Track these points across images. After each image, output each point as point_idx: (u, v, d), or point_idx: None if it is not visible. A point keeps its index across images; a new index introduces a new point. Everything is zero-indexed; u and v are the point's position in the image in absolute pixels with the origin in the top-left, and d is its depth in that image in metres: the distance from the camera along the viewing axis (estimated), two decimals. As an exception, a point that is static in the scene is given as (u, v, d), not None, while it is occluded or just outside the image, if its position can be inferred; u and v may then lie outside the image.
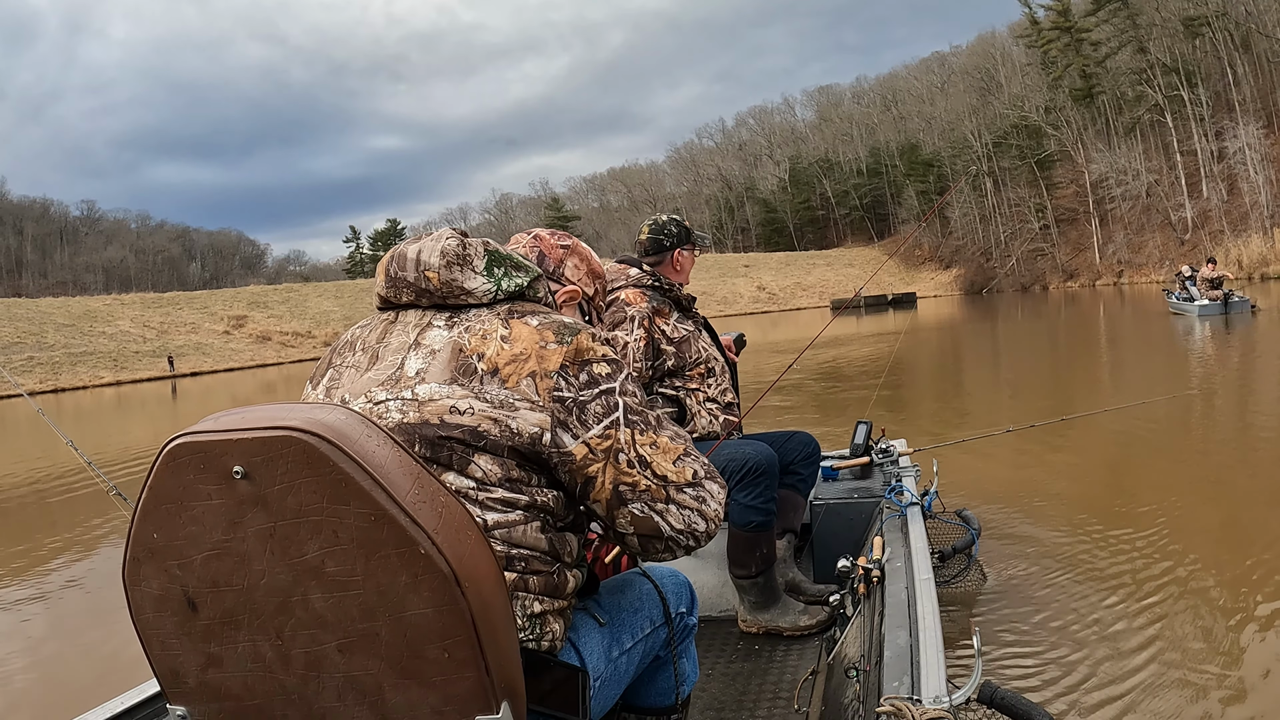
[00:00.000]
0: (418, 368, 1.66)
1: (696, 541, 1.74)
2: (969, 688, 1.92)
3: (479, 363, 1.64)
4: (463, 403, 1.60)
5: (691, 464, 1.74)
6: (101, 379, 53.94)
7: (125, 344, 61.42)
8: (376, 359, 1.72)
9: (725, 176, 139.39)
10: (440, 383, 1.63)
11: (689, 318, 3.84)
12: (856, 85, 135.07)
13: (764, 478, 3.48)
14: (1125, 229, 77.05)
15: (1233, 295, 23.35)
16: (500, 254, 1.79)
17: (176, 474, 1.34)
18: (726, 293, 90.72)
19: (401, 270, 1.76)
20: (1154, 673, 3.46)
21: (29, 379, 50.84)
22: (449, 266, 1.73)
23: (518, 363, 1.63)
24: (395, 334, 1.75)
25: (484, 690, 1.34)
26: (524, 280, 1.78)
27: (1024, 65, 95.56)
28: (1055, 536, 5.30)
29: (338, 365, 1.79)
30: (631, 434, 1.67)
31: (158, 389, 44.54)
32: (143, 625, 1.44)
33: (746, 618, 3.66)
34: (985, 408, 12.02)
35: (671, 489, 1.69)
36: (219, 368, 59.78)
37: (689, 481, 1.72)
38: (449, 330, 1.70)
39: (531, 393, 1.61)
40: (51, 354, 56.20)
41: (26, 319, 61.36)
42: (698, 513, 1.72)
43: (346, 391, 1.71)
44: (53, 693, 4.71)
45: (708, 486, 1.75)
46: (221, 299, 77.55)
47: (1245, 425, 8.72)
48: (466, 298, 1.73)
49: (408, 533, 1.29)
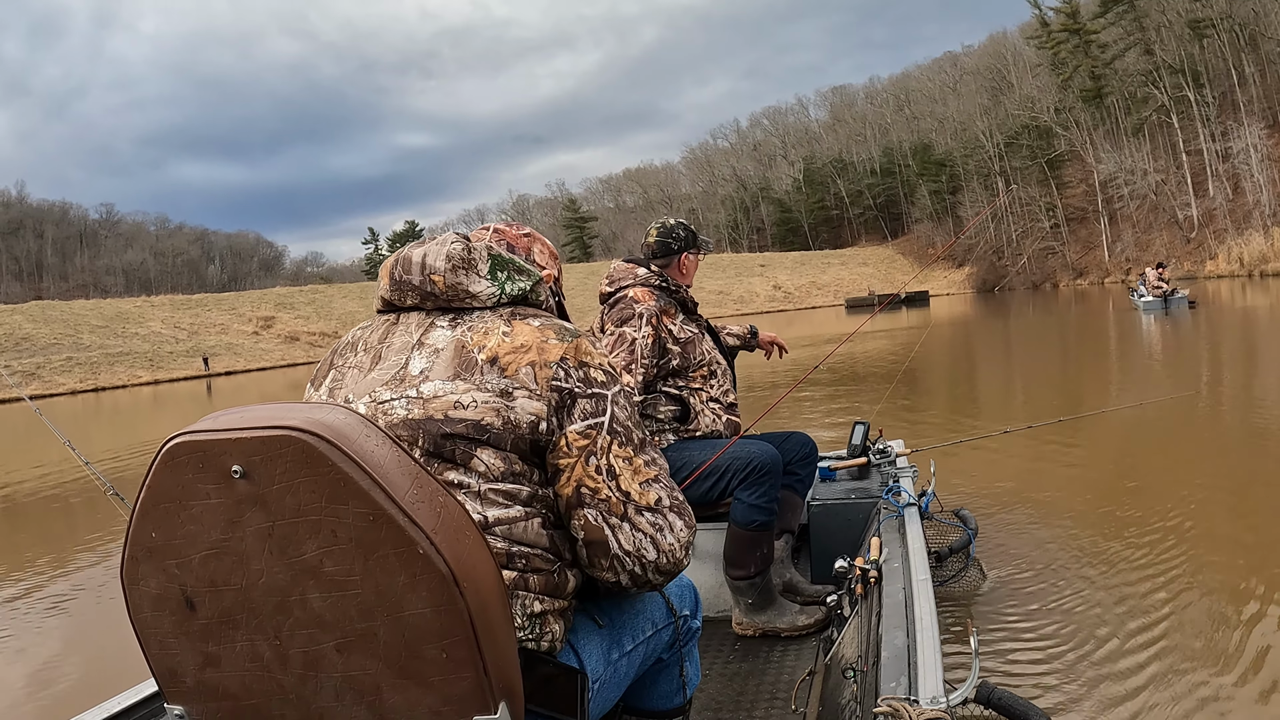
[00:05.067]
0: (422, 366, 1.69)
1: (644, 570, 1.70)
2: (966, 688, 1.93)
3: (479, 354, 1.67)
4: (465, 396, 1.63)
5: (659, 491, 1.72)
6: (139, 378, 54.80)
7: (159, 344, 62.26)
8: (379, 359, 1.74)
9: (740, 177, 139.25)
10: (444, 379, 1.65)
11: (693, 319, 3.85)
12: (870, 85, 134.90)
13: (768, 477, 3.49)
14: (1133, 227, 77.32)
15: (1174, 293, 27.79)
16: (503, 259, 1.82)
17: (175, 473, 1.34)
18: (743, 292, 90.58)
19: (407, 274, 1.79)
20: (1154, 674, 3.45)
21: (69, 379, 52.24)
22: (454, 270, 1.75)
23: (518, 353, 1.66)
24: (398, 335, 1.77)
25: (482, 690, 1.34)
26: (527, 284, 1.82)
27: (1034, 66, 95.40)
28: (1055, 536, 5.28)
29: (339, 366, 1.81)
30: (610, 442, 1.67)
31: (192, 387, 44.98)
32: (141, 624, 1.44)
33: (742, 620, 3.65)
34: (990, 405, 11.98)
35: (630, 508, 1.67)
36: (251, 367, 60.29)
37: (650, 506, 1.69)
38: (452, 330, 1.73)
39: (530, 380, 1.64)
40: (89, 354, 57.19)
41: (61, 321, 62.41)
42: (651, 540, 1.69)
43: (350, 392, 1.73)
44: (53, 693, 4.73)
45: (670, 519, 1.72)
46: (249, 300, 78.08)
47: (1250, 424, 8.68)
48: (471, 301, 1.76)
49: (406, 533, 1.29)
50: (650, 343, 3.57)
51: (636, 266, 3.80)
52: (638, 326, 3.57)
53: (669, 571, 1.73)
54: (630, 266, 3.81)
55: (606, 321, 3.66)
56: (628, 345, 3.53)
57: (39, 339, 57.86)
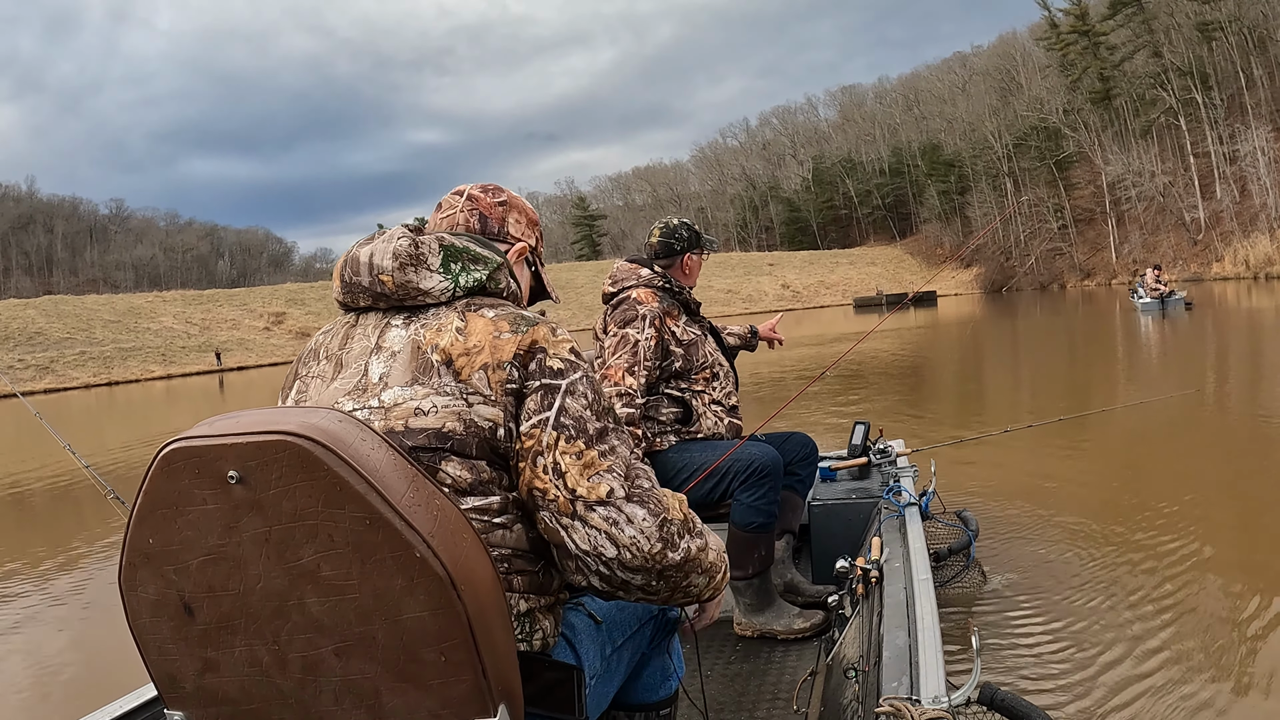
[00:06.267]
0: (380, 372, 1.64)
1: (610, 569, 1.58)
2: (968, 688, 1.92)
3: (433, 354, 1.61)
4: (425, 402, 1.58)
5: (611, 482, 1.58)
6: (152, 373, 55.65)
7: (172, 340, 63.02)
8: (341, 366, 1.70)
9: (749, 176, 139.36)
10: (403, 385, 1.61)
11: (696, 321, 3.84)
12: (879, 85, 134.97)
13: (769, 479, 3.49)
14: (1141, 229, 77.52)
15: (1171, 295, 28.86)
16: (456, 248, 1.74)
17: (171, 479, 1.34)
18: (751, 291, 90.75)
19: (356, 275, 1.73)
20: (1156, 674, 3.44)
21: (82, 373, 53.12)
22: (402, 268, 1.69)
23: (470, 355, 1.60)
24: (356, 339, 1.72)
25: (481, 693, 1.33)
26: (483, 273, 1.74)
27: (1043, 67, 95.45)
28: (1056, 536, 5.27)
29: (304, 376, 1.77)
30: (557, 438, 1.58)
31: (205, 382, 45.35)
32: (139, 630, 1.44)
33: (741, 620, 3.66)
34: (992, 404, 11.99)
35: (580, 505, 1.56)
36: (263, 362, 60.91)
37: (600, 500, 1.56)
38: (406, 329, 1.67)
39: (484, 386, 1.58)
40: (102, 349, 57.93)
41: (74, 315, 63.16)
42: (606, 536, 1.56)
43: (315, 403, 1.68)
44: (52, 694, 4.74)
45: (626, 510, 1.57)
46: (260, 296, 78.62)
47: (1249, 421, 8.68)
48: (424, 298, 1.70)
49: (403, 536, 1.28)
50: (653, 345, 3.56)
51: (640, 267, 3.79)
52: (641, 328, 3.55)
53: (642, 568, 1.59)
54: (633, 267, 3.80)
55: (609, 322, 3.64)
56: (630, 347, 3.52)
57: (52, 333, 58.44)
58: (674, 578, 1.63)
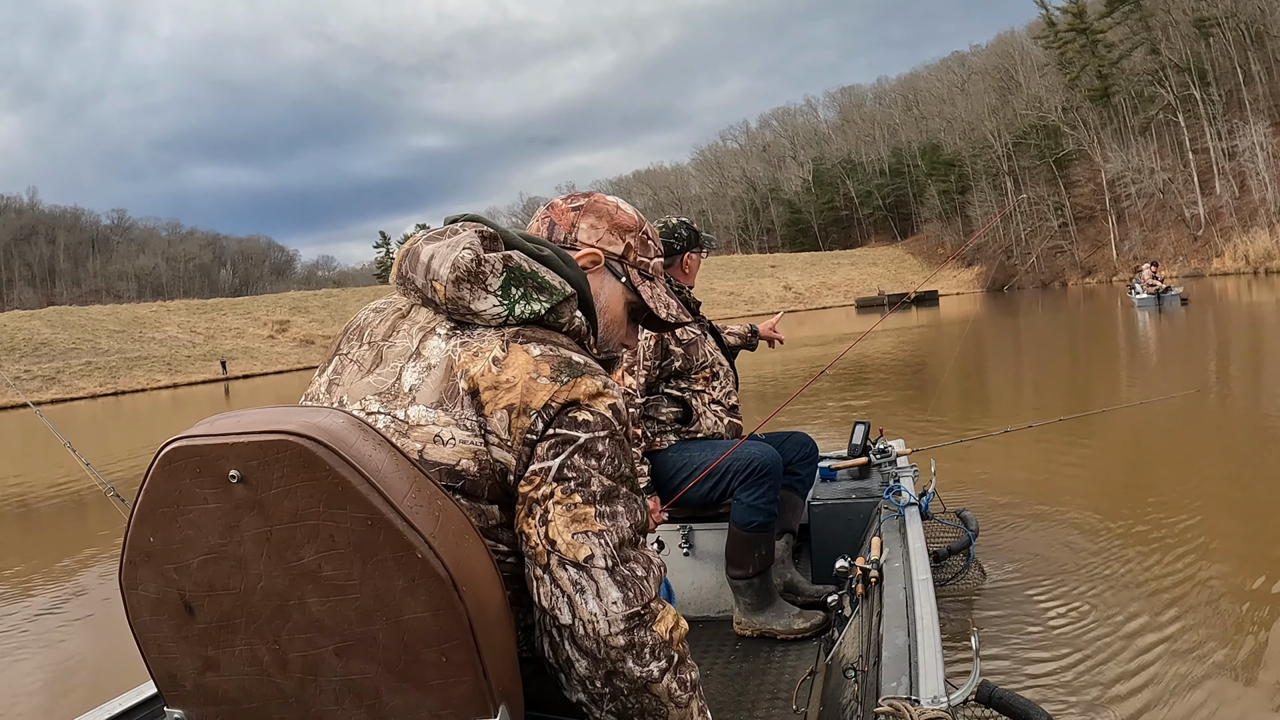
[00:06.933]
0: (412, 383, 1.53)
1: (559, 636, 1.44)
2: (967, 688, 1.92)
3: (461, 380, 1.49)
4: (445, 431, 1.48)
5: (594, 547, 1.42)
6: (158, 382, 55.69)
7: (177, 349, 62.96)
8: (380, 360, 1.60)
9: (750, 178, 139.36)
10: (428, 405, 1.50)
11: (695, 321, 3.84)
12: (878, 85, 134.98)
13: (768, 478, 3.49)
14: (1141, 226, 77.52)
15: (1167, 291, 29.99)
16: (522, 272, 1.57)
17: (172, 478, 1.34)
18: (754, 292, 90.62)
19: (412, 271, 1.61)
20: (1156, 673, 3.44)
21: (89, 383, 53.18)
22: (457, 283, 1.53)
23: (498, 390, 1.46)
24: (401, 335, 1.61)
25: (482, 694, 1.33)
26: (543, 306, 1.56)
27: (1042, 65, 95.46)
28: (1056, 535, 5.28)
29: (344, 354, 1.68)
30: (555, 489, 1.43)
31: (211, 390, 45.40)
32: (140, 628, 1.44)
33: (741, 620, 3.67)
34: (993, 403, 11.97)
35: (553, 558, 1.42)
36: (268, 370, 60.98)
37: (575, 560, 1.41)
38: (447, 343, 1.54)
39: (502, 429, 1.45)
40: (108, 359, 57.98)
41: (79, 325, 63.13)
42: (567, 601, 1.41)
43: (345, 393, 1.61)
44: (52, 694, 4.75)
45: (599, 582, 1.41)
46: (263, 305, 78.57)
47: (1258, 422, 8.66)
48: (474, 318, 1.55)
49: (404, 537, 1.27)
50: (653, 344, 3.57)
51: (639, 268, 3.79)
52: None
53: (591, 654, 1.42)
54: (633, 268, 3.80)
55: None
56: (629, 354, 3.53)
57: (58, 344, 58.51)
58: (624, 692, 1.45)
